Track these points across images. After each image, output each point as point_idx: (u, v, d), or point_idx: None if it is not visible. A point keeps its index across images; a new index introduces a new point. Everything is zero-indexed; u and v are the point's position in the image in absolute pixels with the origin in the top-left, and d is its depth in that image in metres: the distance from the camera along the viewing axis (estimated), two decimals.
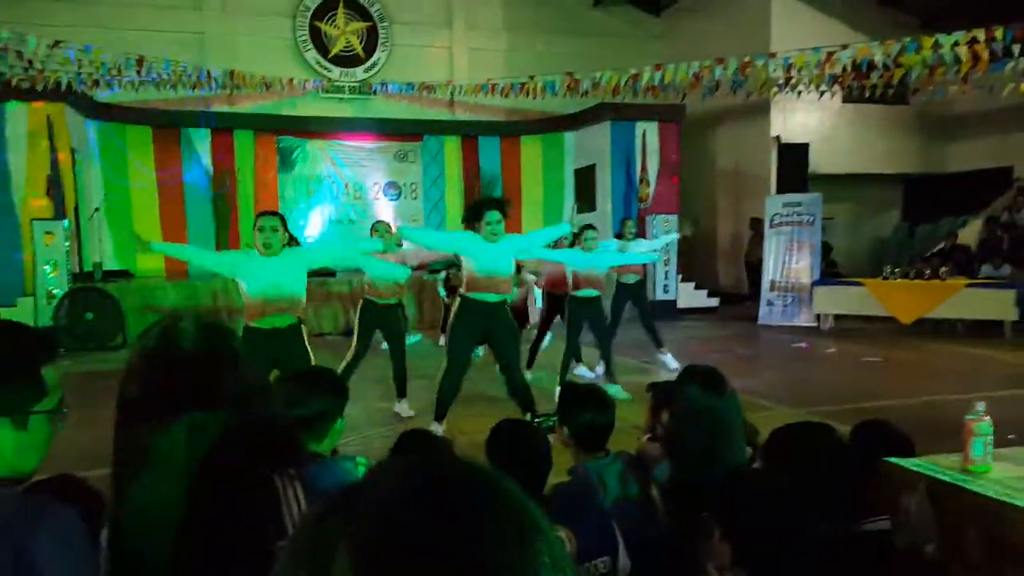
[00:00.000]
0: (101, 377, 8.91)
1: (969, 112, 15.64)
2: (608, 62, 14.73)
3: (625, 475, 2.55)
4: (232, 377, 1.27)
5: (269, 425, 1.31)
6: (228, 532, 1.16)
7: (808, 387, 8.07)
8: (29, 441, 1.32)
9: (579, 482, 2.53)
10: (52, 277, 11.25)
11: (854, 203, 17.06)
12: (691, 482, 2.33)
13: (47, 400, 1.34)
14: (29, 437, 1.31)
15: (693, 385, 2.48)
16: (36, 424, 1.32)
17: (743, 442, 2.48)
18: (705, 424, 2.37)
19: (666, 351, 8.87)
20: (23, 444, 1.31)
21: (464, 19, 17.17)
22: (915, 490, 2.06)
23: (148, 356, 1.25)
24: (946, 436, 2.75)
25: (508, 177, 16.92)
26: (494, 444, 2.48)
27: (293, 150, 15.94)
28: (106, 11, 14.66)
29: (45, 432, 1.35)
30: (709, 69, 12.64)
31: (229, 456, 1.20)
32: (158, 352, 1.25)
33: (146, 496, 1.15)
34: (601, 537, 2.20)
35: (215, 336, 1.30)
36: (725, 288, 16.47)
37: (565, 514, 2.20)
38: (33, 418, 1.32)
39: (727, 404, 2.45)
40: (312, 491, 1.27)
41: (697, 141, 16.83)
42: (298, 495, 1.25)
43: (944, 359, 9.88)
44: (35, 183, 11.99)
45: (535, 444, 2.44)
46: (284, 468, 1.30)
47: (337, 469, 1.39)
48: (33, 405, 1.32)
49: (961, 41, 10.53)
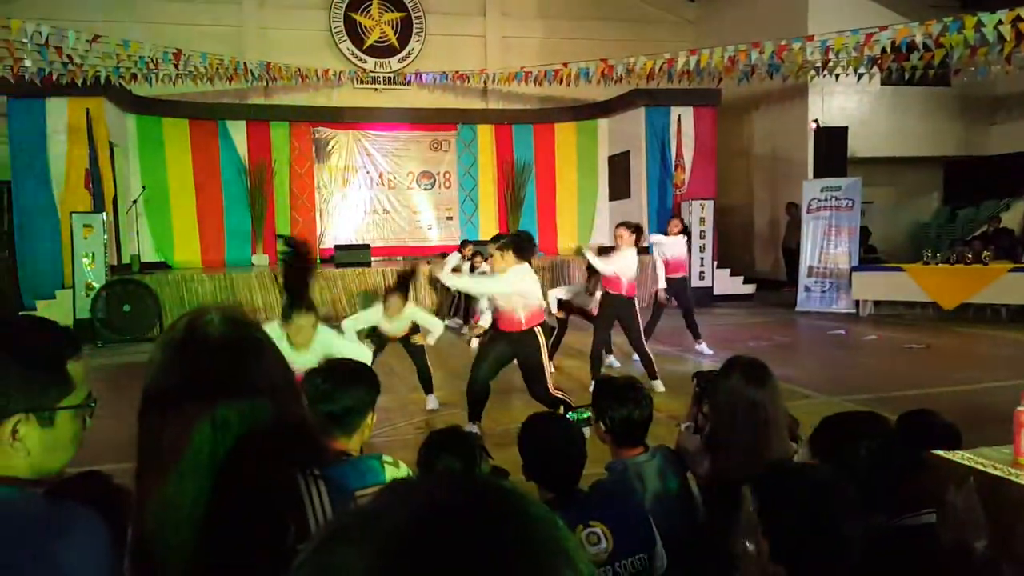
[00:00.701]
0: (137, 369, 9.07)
1: (1012, 93, 15.32)
2: (642, 48, 14.61)
3: (664, 470, 2.51)
4: (257, 368, 1.26)
5: (295, 421, 1.29)
6: (251, 532, 1.15)
7: (848, 375, 7.95)
8: (56, 438, 1.29)
9: (617, 478, 2.50)
10: (90, 270, 11.40)
11: (893, 187, 16.79)
12: (731, 477, 2.30)
13: (73, 396, 1.32)
14: (56, 434, 1.29)
15: (734, 376, 2.44)
16: (63, 421, 1.30)
17: (786, 436, 2.44)
18: (746, 417, 2.33)
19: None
20: (50, 442, 1.28)
21: (498, 7, 17.10)
22: (963, 484, 2.01)
23: (173, 346, 1.24)
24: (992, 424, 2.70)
25: (542, 164, 16.88)
26: (526, 439, 2.44)
27: (328, 140, 16.05)
28: (145, 6, 14.82)
29: (73, 429, 1.32)
30: (745, 53, 12.47)
31: (254, 454, 1.18)
32: (183, 342, 1.24)
33: (170, 492, 1.14)
34: (638, 534, 2.17)
35: (241, 326, 1.29)
36: (762, 274, 16.29)
37: (602, 511, 2.18)
38: (60, 414, 1.29)
39: (770, 397, 2.41)
40: (336, 491, 1.26)
41: (733, 126, 16.65)
42: (322, 495, 1.24)
43: (988, 345, 9.69)
44: (74, 177, 12.19)
45: (568, 439, 2.40)
46: (308, 467, 1.28)
47: (363, 468, 1.38)
48: (59, 401, 1.29)
49: (1005, 20, 10.27)
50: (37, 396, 1.27)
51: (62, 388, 1.30)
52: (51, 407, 1.28)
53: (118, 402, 1.64)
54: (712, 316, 11.89)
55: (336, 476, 1.31)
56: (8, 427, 1.24)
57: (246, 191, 15.25)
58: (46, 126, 12.25)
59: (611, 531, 2.11)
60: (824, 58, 12.37)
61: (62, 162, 12.24)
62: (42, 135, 12.26)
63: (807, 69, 13.06)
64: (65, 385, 1.30)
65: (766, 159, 16.55)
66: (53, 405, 1.28)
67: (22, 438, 1.25)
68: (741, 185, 17.17)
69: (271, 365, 1.29)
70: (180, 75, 13.06)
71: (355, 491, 1.32)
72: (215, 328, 1.25)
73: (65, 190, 12.23)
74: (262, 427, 1.21)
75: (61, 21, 11.90)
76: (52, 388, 1.29)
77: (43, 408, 1.27)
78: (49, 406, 1.28)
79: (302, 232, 15.68)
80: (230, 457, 1.17)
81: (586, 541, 2.08)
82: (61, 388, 1.30)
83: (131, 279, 11.96)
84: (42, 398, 1.27)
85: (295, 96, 15.76)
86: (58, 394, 1.29)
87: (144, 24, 14.16)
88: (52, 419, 1.28)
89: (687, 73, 13.42)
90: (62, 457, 1.33)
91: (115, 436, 2.18)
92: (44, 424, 1.27)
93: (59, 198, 12.24)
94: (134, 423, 1.20)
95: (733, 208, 16.91)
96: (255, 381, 1.24)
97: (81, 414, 1.34)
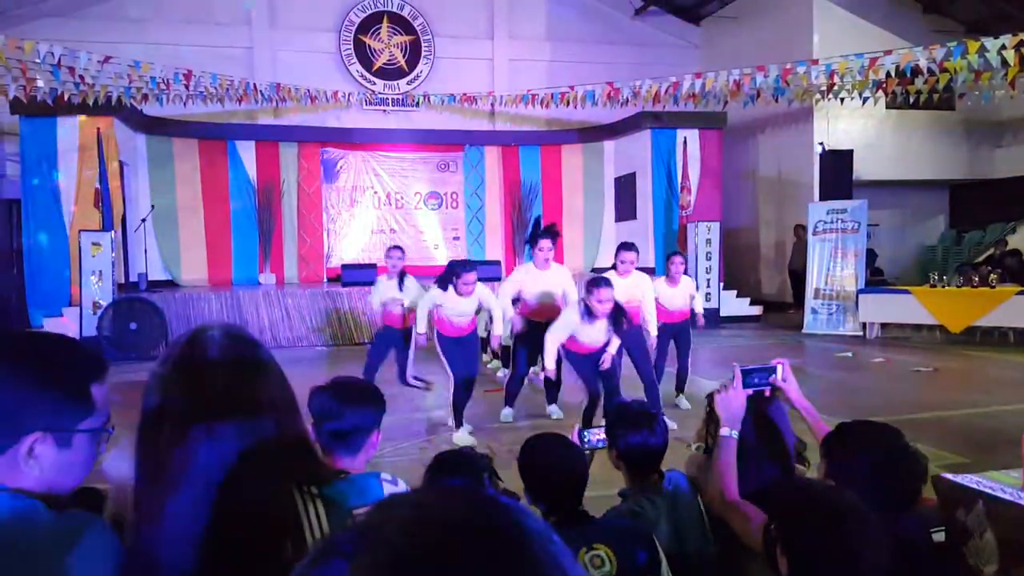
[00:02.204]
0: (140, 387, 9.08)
1: (1017, 117, 15.36)
2: (648, 71, 14.68)
3: (675, 496, 2.50)
4: (258, 385, 1.26)
5: (294, 438, 1.30)
6: (250, 549, 1.15)
7: (857, 398, 7.93)
8: (71, 460, 1.26)
9: (628, 506, 2.49)
10: (97, 287, 11.45)
11: (899, 210, 16.80)
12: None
13: (93, 419, 1.29)
14: (71, 456, 1.26)
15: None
16: (80, 443, 1.27)
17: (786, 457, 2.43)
18: (745, 435, 2.33)
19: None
20: (64, 463, 1.25)
21: (506, 31, 17.23)
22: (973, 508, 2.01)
23: (173, 363, 1.24)
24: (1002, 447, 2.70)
25: (548, 185, 16.96)
26: (526, 460, 2.41)
27: (337, 161, 16.13)
28: (157, 28, 14.97)
29: (89, 452, 1.29)
30: (750, 77, 12.54)
31: (254, 471, 1.18)
32: (184, 359, 1.24)
33: (169, 509, 1.14)
34: (643, 557, 2.15)
35: (242, 343, 1.30)
36: (768, 296, 16.29)
37: (606, 533, 2.17)
38: (77, 436, 1.26)
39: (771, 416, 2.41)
40: (334, 509, 1.27)
41: (739, 148, 16.71)
42: (319, 512, 1.25)
43: (996, 368, 9.67)
44: (84, 195, 12.27)
45: (569, 459, 2.37)
46: (307, 484, 1.29)
47: (361, 486, 1.39)
48: (79, 423, 1.26)
49: (1008, 45, 10.31)
50: (57, 416, 1.25)
51: (83, 410, 1.27)
52: (70, 428, 1.26)
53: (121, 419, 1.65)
54: (719, 338, 11.89)
55: (334, 494, 1.32)
56: (25, 444, 1.22)
57: (254, 210, 15.33)
58: (57, 144, 12.34)
59: (615, 553, 2.10)
60: (829, 82, 12.41)
61: (72, 181, 12.32)
62: (53, 154, 12.34)
63: (812, 92, 13.12)
64: (86, 407, 1.28)
65: (772, 181, 16.58)
66: (72, 427, 1.26)
67: (37, 456, 1.23)
68: (747, 207, 17.20)
69: (272, 382, 1.29)
70: (191, 95, 13.16)
71: (353, 509, 1.32)
72: (216, 345, 1.26)
73: (75, 208, 12.30)
74: (262, 444, 1.21)
75: (74, 42, 12.00)
76: (73, 409, 1.26)
77: (62, 428, 1.25)
78: (68, 427, 1.25)
79: (310, 252, 15.77)
80: (230, 474, 1.17)
81: (590, 564, 2.07)
82: (82, 410, 1.27)
83: (138, 297, 11.99)
84: (62, 418, 1.25)
85: (304, 117, 15.86)
86: (78, 416, 1.27)
87: (156, 45, 14.27)
88: (70, 441, 1.26)
89: (693, 96, 13.48)
90: (72, 480, 1.30)
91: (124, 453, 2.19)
92: (62, 445, 1.25)
93: (68, 216, 12.30)
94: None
95: (739, 230, 16.94)
96: (256, 397, 1.25)
97: (98, 438, 1.31)
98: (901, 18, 15.29)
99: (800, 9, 15.34)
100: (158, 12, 15.15)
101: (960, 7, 15.36)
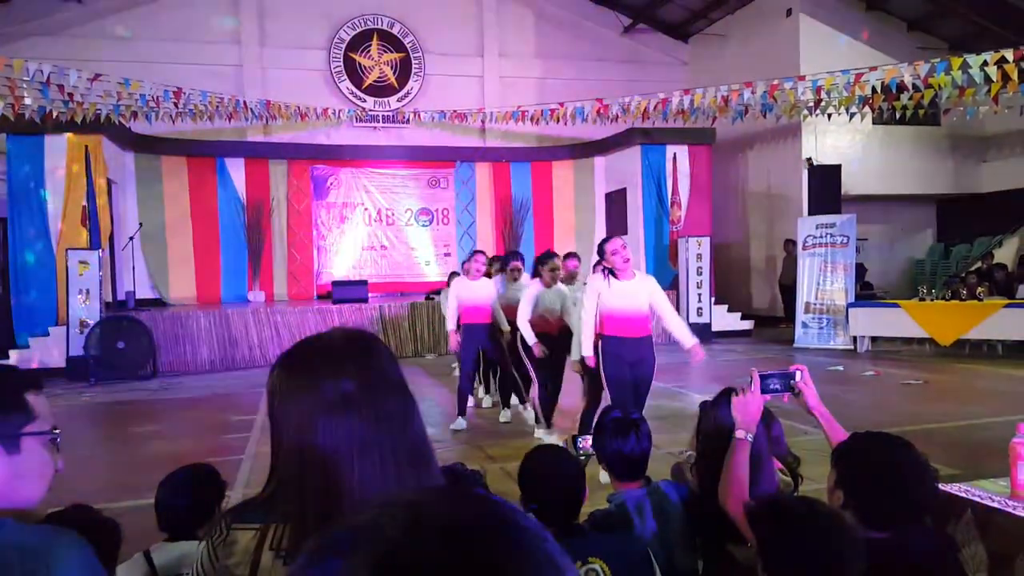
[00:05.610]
0: (129, 407, 8.96)
1: (1001, 132, 15.51)
2: (637, 88, 14.78)
3: (663, 503, 2.49)
4: (384, 359, 1.26)
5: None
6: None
7: (848, 411, 7.88)
8: (24, 466, 1.32)
9: (616, 511, 2.48)
10: (84, 306, 11.37)
11: (887, 224, 16.90)
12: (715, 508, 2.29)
13: (37, 424, 1.35)
14: (23, 462, 1.32)
15: (723, 406, 2.43)
16: (29, 447, 1.33)
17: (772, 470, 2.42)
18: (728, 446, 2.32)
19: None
20: (18, 469, 1.31)
21: (496, 48, 17.31)
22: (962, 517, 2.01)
23: (298, 356, 1.26)
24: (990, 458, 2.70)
25: (539, 201, 17.00)
26: (524, 472, 2.41)
27: (327, 178, 16.14)
28: (147, 46, 14.97)
29: (40, 457, 1.35)
30: (738, 93, 12.63)
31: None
32: (310, 346, 1.26)
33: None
34: (638, 571, 2.15)
35: (360, 332, 1.31)
36: (759, 311, 16.32)
37: (602, 547, 2.16)
38: (25, 440, 1.32)
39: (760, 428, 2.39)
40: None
41: (728, 163, 16.81)
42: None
43: (985, 380, 9.69)
44: (72, 213, 12.19)
45: (566, 473, 2.37)
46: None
47: None
48: (22, 428, 1.32)
49: (990, 61, 10.43)
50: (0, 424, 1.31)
51: (23, 415, 1.33)
52: (14, 433, 1.31)
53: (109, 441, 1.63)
54: (711, 352, 11.83)
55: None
56: None
57: (243, 228, 15.30)
58: (45, 162, 12.26)
59: (610, 568, 2.09)
60: (816, 98, 12.51)
61: (60, 199, 12.22)
62: (40, 172, 12.23)
63: (800, 108, 13.21)
64: (26, 413, 1.34)
65: (761, 196, 16.67)
66: (16, 432, 1.32)
67: None
68: (737, 222, 17.28)
69: (393, 361, 1.29)
70: (180, 113, 13.14)
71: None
72: (338, 334, 1.28)
73: (62, 226, 12.21)
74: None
75: (64, 60, 11.97)
76: (13, 415, 1.32)
77: (5, 434, 1.31)
78: (12, 432, 1.31)
79: (299, 269, 15.73)
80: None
81: None
82: (22, 415, 1.33)
83: (125, 316, 11.89)
84: (5, 425, 1.31)
85: (294, 134, 15.87)
86: (19, 421, 1.33)
87: (145, 63, 14.25)
88: (18, 445, 1.31)
89: (682, 112, 13.56)
90: (33, 489, 1.35)
91: (103, 474, 2.15)
92: (10, 451, 1.30)
93: (55, 234, 12.21)
94: (125, 461, 1.21)
95: (729, 245, 17.01)
96: (386, 370, 1.25)
97: (47, 444, 1.36)
98: (887, 36, 15.45)
99: (786, 26, 15.49)
100: (148, 30, 15.17)
101: (943, 24, 15.54)
